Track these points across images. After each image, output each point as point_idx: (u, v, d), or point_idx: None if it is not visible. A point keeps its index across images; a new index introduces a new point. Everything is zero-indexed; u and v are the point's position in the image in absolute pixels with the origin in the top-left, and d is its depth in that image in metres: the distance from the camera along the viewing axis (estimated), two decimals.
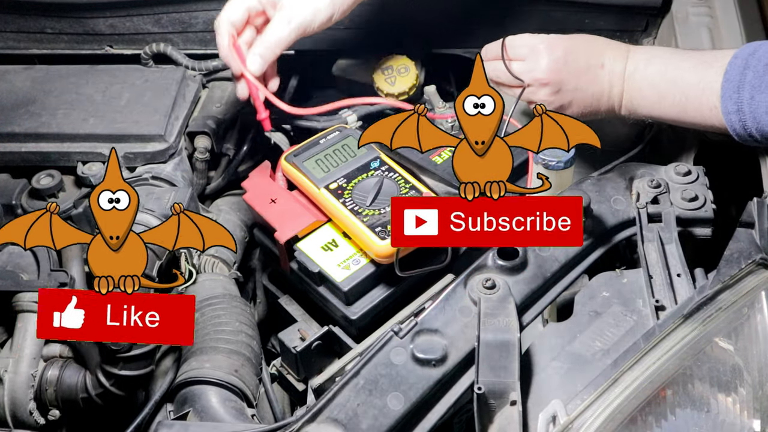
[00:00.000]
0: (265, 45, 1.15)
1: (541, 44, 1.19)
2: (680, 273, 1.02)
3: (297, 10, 1.17)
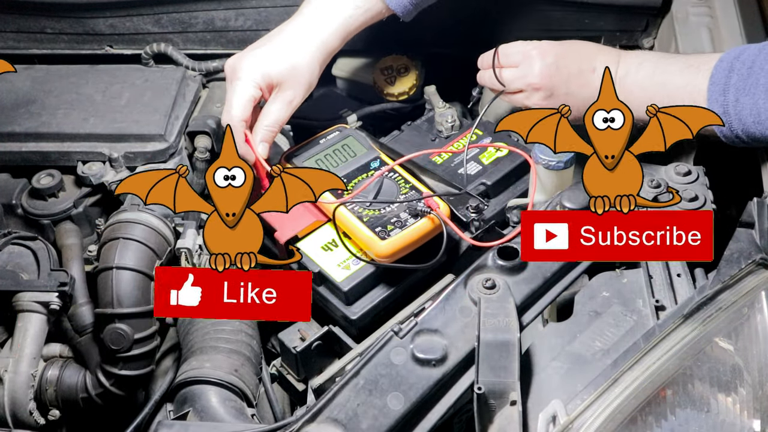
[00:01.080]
0: (269, 129, 1.17)
1: (534, 50, 1.20)
2: (680, 273, 1.02)
3: (297, 90, 1.18)
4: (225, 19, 1.50)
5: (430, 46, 1.50)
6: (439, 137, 1.31)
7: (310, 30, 1.20)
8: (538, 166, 1.16)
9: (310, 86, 1.20)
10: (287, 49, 1.18)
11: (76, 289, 1.18)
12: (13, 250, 1.19)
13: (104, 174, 1.28)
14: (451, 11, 1.35)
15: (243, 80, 1.16)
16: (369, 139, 1.25)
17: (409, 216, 1.10)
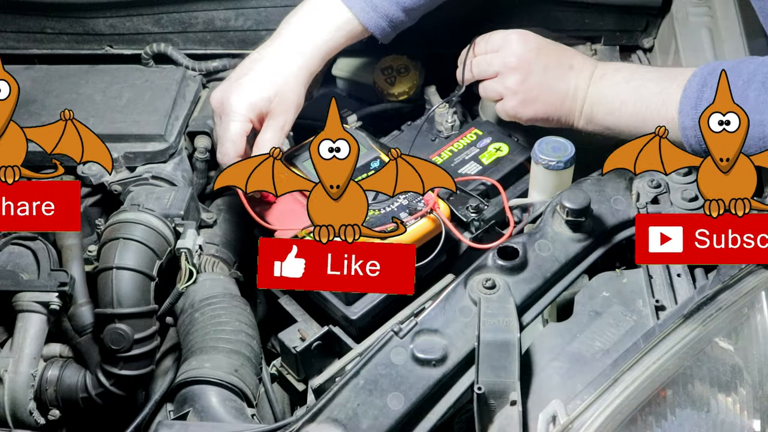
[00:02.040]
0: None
1: (514, 34, 1.21)
2: (680, 273, 1.02)
3: (287, 115, 1.19)
4: (225, 19, 1.50)
5: (430, 46, 1.50)
6: (439, 137, 1.31)
7: (291, 53, 1.20)
8: (538, 166, 1.16)
9: (298, 108, 1.21)
10: (271, 76, 1.18)
11: (76, 289, 1.18)
12: (13, 250, 1.19)
13: (104, 174, 1.28)
14: (451, 11, 1.35)
15: (232, 116, 1.16)
16: (369, 139, 1.25)
17: (409, 216, 1.10)
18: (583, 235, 1.05)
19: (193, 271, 1.16)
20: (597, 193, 1.10)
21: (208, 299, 1.16)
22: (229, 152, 1.16)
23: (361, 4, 1.24)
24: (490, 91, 1.22)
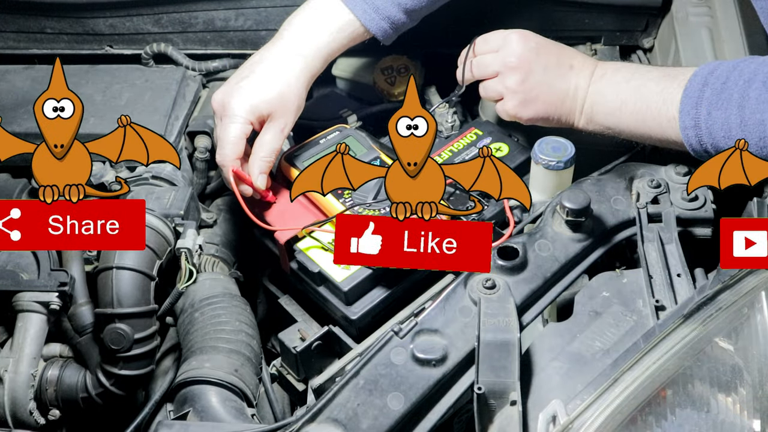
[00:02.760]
0: (266, 160, 1.17)
1: (514, 34, 1.21)
2: (680, 273, 1.02)
3: (287, 117, 1.18)
4: (225, 19, 1.50)
5: (430, 46, 1.50)
6: (439, 137, 1.31)
7: (293, 55, 1.20)
8: (538, 166, 1.16)
9: (298, 110, 1.20)
10: (272, 78, 1.18)
11: (76, 289, 1.18)
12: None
13: (104, 174, 1.28)
14: (451, 11, 1.35)
15: (233, 118, 1.16)
16: (369, 139, 1.25)
17: None
18: (583, 235, 1.05)
19: (193, 271, 1.16)
20: (597, 193, 1.10)
21: (208, 299, 1.16)
22: (229, 154, 1.16)
23: (362, 5, 1.24)
24: (490, 90, 1.22)
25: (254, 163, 1.17)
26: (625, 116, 1.15)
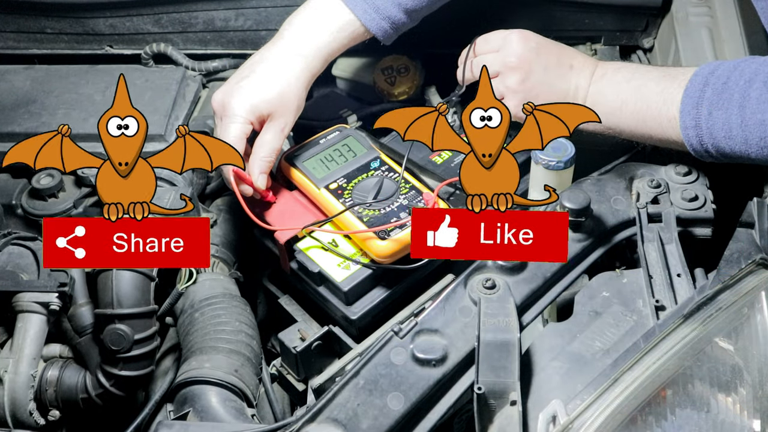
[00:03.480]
0: (266, 160, 1.17)
1: (514, 34, 1.21)
2: (680, 273, 1.02)
3: (287, 117, 1.18)
4: (225, 19, 1.50)
5: (430, 46, 1.50)
6: None
7: (293, 55, 1.20)
8: (538, 166, 1.16)
9: (298, 110, 1.20)
10: (273, 78, 1.18)
11: (75, 289, 1.18)
12: (13, 250, 1.19)
13: None
14: (451, 11, 1.35)
15: (233, 118, 1.16)
16: (369, 139, 1.25)
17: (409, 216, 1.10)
18: (583, 235, 1.05)
19: (193, 271, 1.16)
20: (597, 193, 1.10)
21: (208, 299, 1.16)
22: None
23: (362, 5, 1.24)
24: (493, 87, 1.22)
25: (254, 163, 1.17)
26: (626, 116, 1.15)
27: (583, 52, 1.30)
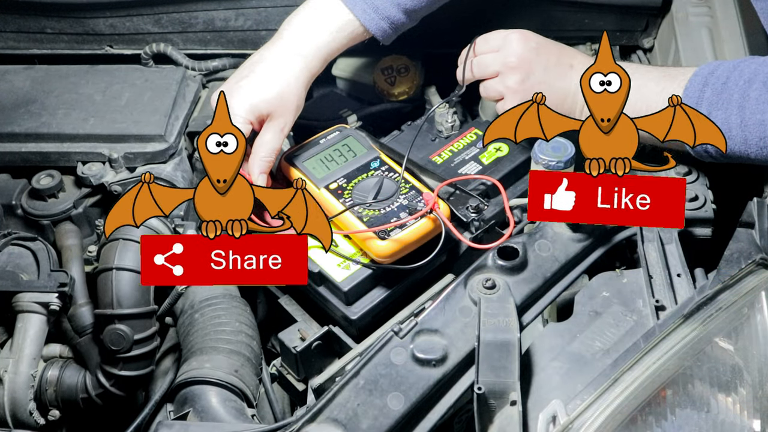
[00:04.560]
0: (266, 160, 1.17)
1: (514, 34, 1.21)
2: (680, 273, 1.02)
3: (287, 117, 1.18)
4: (225, 19, 1.50)
5: (430, 46, 1.50)
6: (439, 137, 1.31)
7: (292, 55, 1.20)
8: (538, 166, 1.16)
9: (298, 110, 1.20)
10: (272, 78, 1.18)
11: (75, 289, 1.18)
12: (13, 250, 1.19)
13: (104, 174, 1.28)
14: (451, 11, 1.35)
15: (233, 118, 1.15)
16: (369, 139, 1.25)
17: (409, 216, 1.10)
18: (583, 235, 1.05)
19: None
20: None
21: (207, 300, 1.16)
22: None
23: (362, 5, 1.24)
24: (491, 90, 1.22)
25: (254, 163, 1.17)
26: None
27: (583, 52, 1.30)
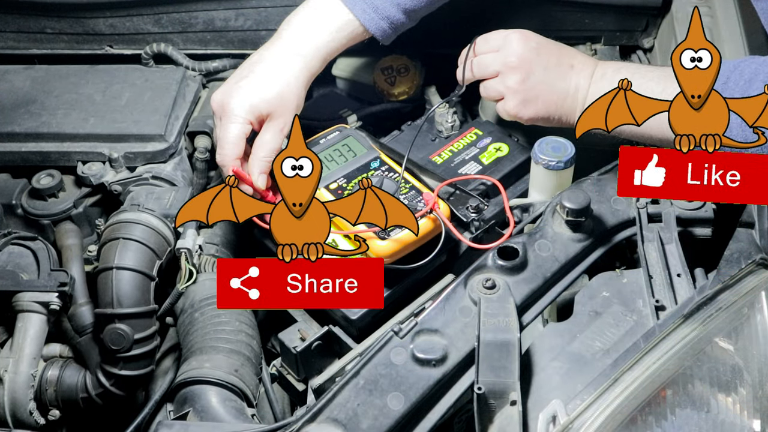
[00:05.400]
0: (266, 160, 1.17)
1: (514, 34, 1.21)
2: (680, 273, 1.02)
3: (286, 117, 1.18)
4: (225, 19, 1.50)
5: (430, 46, 1.50)
6: (439, 137, 1.31)
7: (292, 55, 1.20)
8: (538, 166, 1.16)
9: (298, 109, 1.20)
10: (272, 78, 1.18)
11: (76, 289, 1.18)
12: (13, 250, 1.19)
13: (104, 174, 1.28)
14: (451, 11, 1.35)
15: (232, 118, 1.16)
16: (369, 139, 1.25)
17: None
18: (583, 235, 1.05)
19: (193, 271, 1.17)
20: (597, 193, 1.10)
21: (208, 299, 1.16)
22: (229, 154, 1.16)
23: (361, 5, 1.24)
24: (491, 90, 1.22)
25: (254, 163, 1.17)
26: None
27: (583, 52, 1.30)
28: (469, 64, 1.25)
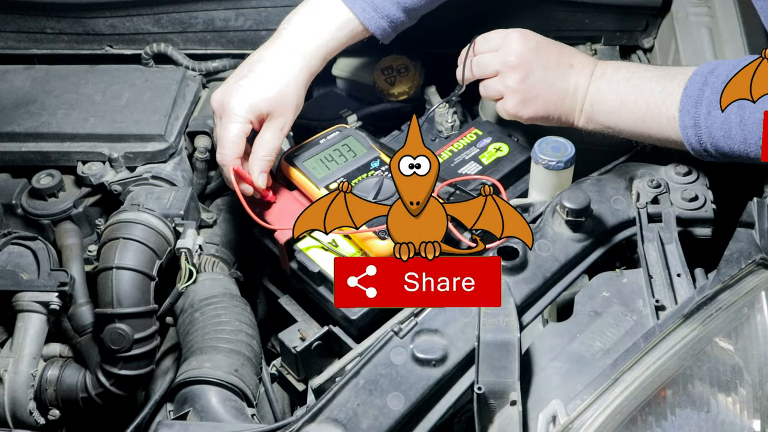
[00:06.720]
0: (266, 159, 1.17)
1: (514, 33, 1.21)
2: (680, 273, 1.02)
3: (286, 116, 1.18)
4: (225, 19, 1.50)
5: (430, 46, 1.50)
6: (439, 137, 1.31)
7: (292, 54, 1.20)
8: (538, 166, 1.16)
9: (298, 109, 1.20)
10: (272, 77, 1.18)
11: (76, 289, 1.18)
12: (13, 250, 1.19)
13: (104, 174, 1.28)
14: (451, 11, 1.35)
15: (232, 118, 1.16)
16: (369, 139, 1.25)
17: None
18: (583, 235, 1.05)
19: (193, 271, 1.16)
20: (597, 193, 1.10)
21: (208, 299, 1.16)
22: (229, 153, 1.16)
23: (361, 4, 1.24)
24: (491, 90, 1.22)
25: (254, 163, 1.17)
26: (625, 115, 1.15)
27: (583, 52, 1.30)
28: (469, 64, 1.25)
